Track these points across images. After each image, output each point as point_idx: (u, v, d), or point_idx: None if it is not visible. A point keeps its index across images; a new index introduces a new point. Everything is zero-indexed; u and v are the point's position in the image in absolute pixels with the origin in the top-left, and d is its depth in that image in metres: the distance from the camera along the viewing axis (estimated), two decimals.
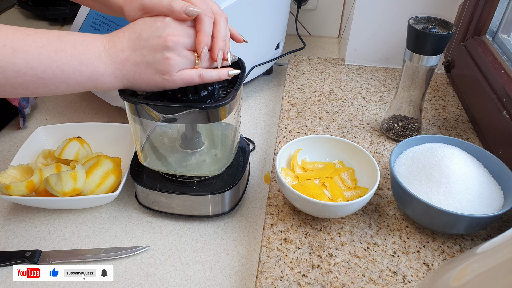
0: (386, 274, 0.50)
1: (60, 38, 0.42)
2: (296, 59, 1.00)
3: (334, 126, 0.76)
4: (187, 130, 0.58)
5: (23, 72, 0.39)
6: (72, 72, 0.42)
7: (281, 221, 0.57)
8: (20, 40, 0.39)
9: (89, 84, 0.44)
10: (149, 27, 0.43)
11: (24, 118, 0.79)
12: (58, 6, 1.19)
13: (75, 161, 0.63)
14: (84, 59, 0.42)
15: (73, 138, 0.65)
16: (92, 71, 0.43)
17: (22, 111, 0.78)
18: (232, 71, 0.48)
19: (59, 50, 0.41)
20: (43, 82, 0.41)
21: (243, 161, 0.62)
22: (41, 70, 0.40)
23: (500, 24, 0.79)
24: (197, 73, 0.45)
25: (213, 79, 0.46)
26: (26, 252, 0.54)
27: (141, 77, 0.44)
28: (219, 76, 0.46)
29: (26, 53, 0.39)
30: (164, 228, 0.59)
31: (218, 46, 0.45)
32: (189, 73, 0.44)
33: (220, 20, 0.46)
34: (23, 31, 0.40)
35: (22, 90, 0.41)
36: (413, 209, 0.54)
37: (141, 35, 0.43)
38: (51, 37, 0.41)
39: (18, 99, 0.78)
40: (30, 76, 0.40)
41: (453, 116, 0.79)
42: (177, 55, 0.43)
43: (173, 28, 0.43)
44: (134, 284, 0.52)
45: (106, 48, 0.43)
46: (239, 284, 0.52)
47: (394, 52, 0.95)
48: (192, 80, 0.45)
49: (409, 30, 0.63)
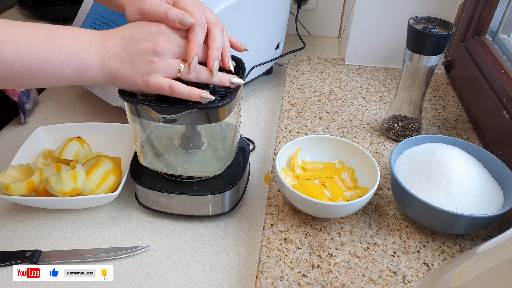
0: (386, 274, 0.50)
1: (50, 31, 0.42)
2: (296, 59, 1.00)
3: (334, 126, 0.76)
4: (187, 130, 0.58)
5: (10, 63, 0.40)
6: (59, 65, 0.42)
7: (281, 221, 0.57)
8: (9, 32, 0.40)
9: (76, 77, 0.44)
10: (143, 30, 0.44)
11: (24, 113, 0.79)
12: (58, 6, 1.19)
13: (75, 161, 0.63)
14: (72, 52, 0.42)
15: (73, 138, 0.65)
16: (79, 64, 0.43)
17: (22, 107, 0.78)
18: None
19: (47, 42, 0.41)
20: (31, 74, 0.41)
21: (243, 161, 0.62)
22: (28, 62, 0.41)
23: (500, 24, 0.79)
24: (168, 83, 0.44)
25: (182, 96, 0.45)
26: (26, 252, 0.54)
27: (123, 74, 0.44)
28: (189, 95, 0.45)
29: (14, 45, 0.40)
30: (164, 228, 0.59)
31: (213, 56, 0.45)
32: (161, 81, 0.44)
33: (215, 30, 0.46)
34: (13, 23, 0.41)
35: (10, 82, 0.42)
36: (413, 209, 0.54)
37: (134, 36, 0.44)
38: (40, 29, 0.42)
39: (18, 94, 0.77)
40: (18, 68, 0.40)
41: (453, 116, 0.79)
42: (162, 61, 0.44)
43: (166, 35, 0.44)
44: (134, 284, 0.52)
45: (97, 43, 0.44)
46: (239, 284, 0.52)
47: (394, 52, 0.95)
48: (162, 88, 0.44)
49: (409, 30, 0.63)
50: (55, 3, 1.19)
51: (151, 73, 0.44)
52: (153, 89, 0.45)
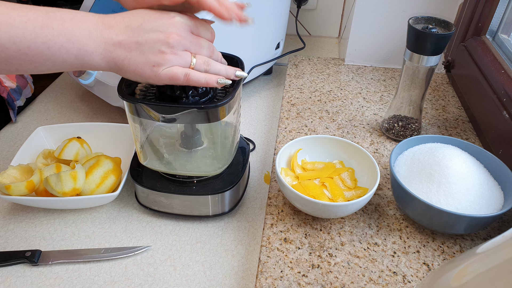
0: (386, 274, 0.50)
1: (48, 14, 0.40)
2: (296, 59, 1.00)
3: (334, 126, 0.76)
4: (186, 128, 0.58)
5: (5, 47, 0.38)
6: (58, 49, 0.40)
7: (281, 221, 0.57)
8: (4, 14, 0.38)
9: (76, 63, 0.42)
10: (154, 21, 0.43)
11: (14, 110, 0.75)
12: (58, 6, 1.19)
13: (74, 161, 0.63)
14: (72, 37, 0.41)
15: (72, 138, 0.65)
16: (79, 49, 0.41)
17: (11, 103, 0.74)
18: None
19: (45, 26, 0.39)
20: (28, 58, 0.40)
21: (243, 161, 0.62)
22: (25, 45, 0.39)
23: (500, 24, 0.79)
24: (183, 72, 0.44)
25: (199, 83, 0.45)
26: (26, 252, 0.54)
27: (130, 63, 0.43)
28: (207, 81, 0.45)
29: (9, 27, 0.38)
30: (164, 228, 0.59)
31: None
32: (175, 70, 0.44)
33: None
34: (8, 5, 0.39)
35: (5, 66, 0.40)
36: (413, 209, 0.54)
37: (143, 25, 0.43)
38: (37, 12, 0.40)
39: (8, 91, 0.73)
40: (13, 52, 0.39)
41: (453, 116, 0.79)
42: (173, 53, 0.43)
43: (178, 28, 0.43)
44: (134, 284, 0.52)
45: (99, 28, 0.42)
46: (239, 284, 0.52)
47: (394, 52, 0.95)
48: (176, 77, 0.44)
49: (409, 30, 0.63)
50: (55, 3, 1.19)
51: (162, 63, 0.43)
52: (165, 79, 0.44)
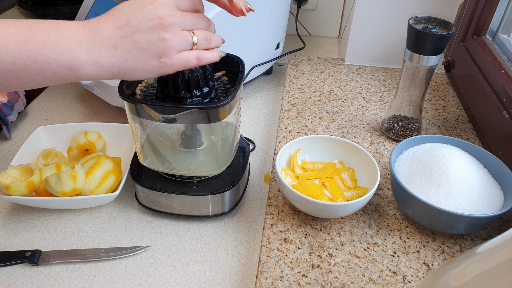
0: (386, 274, 0.50)
1: (30, 27, 0.38)
2: (296, 59, 1.00)
3: (334, 126, 0.76)
4: (186, 128, 0.58)
5: None
6: (46, 62, 0.38)
7: (281, 221, 0.57)
8: None
9: (69, 74, 0.40)
10: (138, 11, 0.41)
11: (7, 126, 0.74)
12: (58, 6, 1.19)
13: (83, 156, 0.64)
14: (60, 47, 0.39)
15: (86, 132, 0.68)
16: (71, 60, 0.39)
17: (4, 119, 0.72)
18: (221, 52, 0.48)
19: (28, 39, 0.37)
20: (15, 75, 0.38)
21: (243, 161, 0.62)
22: (9, 62, 0.37)
23: (500, 24, 0.79)
24: (194, 55, 0.43)
25: (210, 61, 0.45)
26: (26, 252, 0.54)
27: (134, 63, 0.41)
28: (214, 59, 0.45)
29: None
30: (164, 228, 0.59)
31: None
32: (187, 55, 0.43)
33: None
34: None
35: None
36: (413, 209, 0.54)
37: (130, 21, 0.40)
38: (19, 26, 0.38)
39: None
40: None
41: (453, 116, 0.79)
42: (174, 36, 0.41)
43: (167, 9, 0.41)
44: (134, 284, 0.52)
45: (87, 35, 0.40)
46: (239, 284, 0.52)
47: (394, 52, 0.95)
48: (190, 62, 0.43)
49: (409, 30, 0.62)
50: (55, 3, 1.19)
51: (168, 52, 0.41)
52: (179, 66, 0.43)
